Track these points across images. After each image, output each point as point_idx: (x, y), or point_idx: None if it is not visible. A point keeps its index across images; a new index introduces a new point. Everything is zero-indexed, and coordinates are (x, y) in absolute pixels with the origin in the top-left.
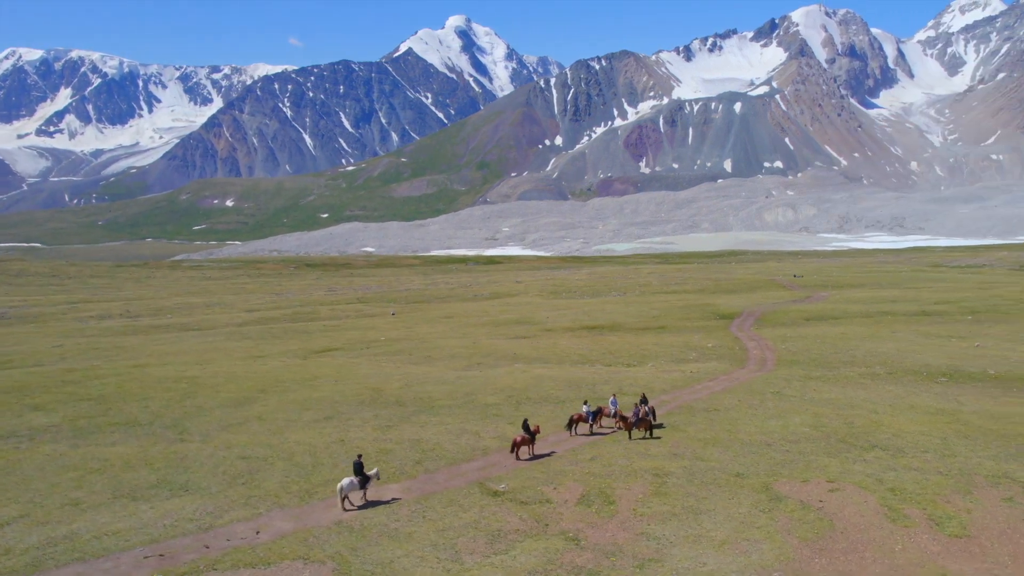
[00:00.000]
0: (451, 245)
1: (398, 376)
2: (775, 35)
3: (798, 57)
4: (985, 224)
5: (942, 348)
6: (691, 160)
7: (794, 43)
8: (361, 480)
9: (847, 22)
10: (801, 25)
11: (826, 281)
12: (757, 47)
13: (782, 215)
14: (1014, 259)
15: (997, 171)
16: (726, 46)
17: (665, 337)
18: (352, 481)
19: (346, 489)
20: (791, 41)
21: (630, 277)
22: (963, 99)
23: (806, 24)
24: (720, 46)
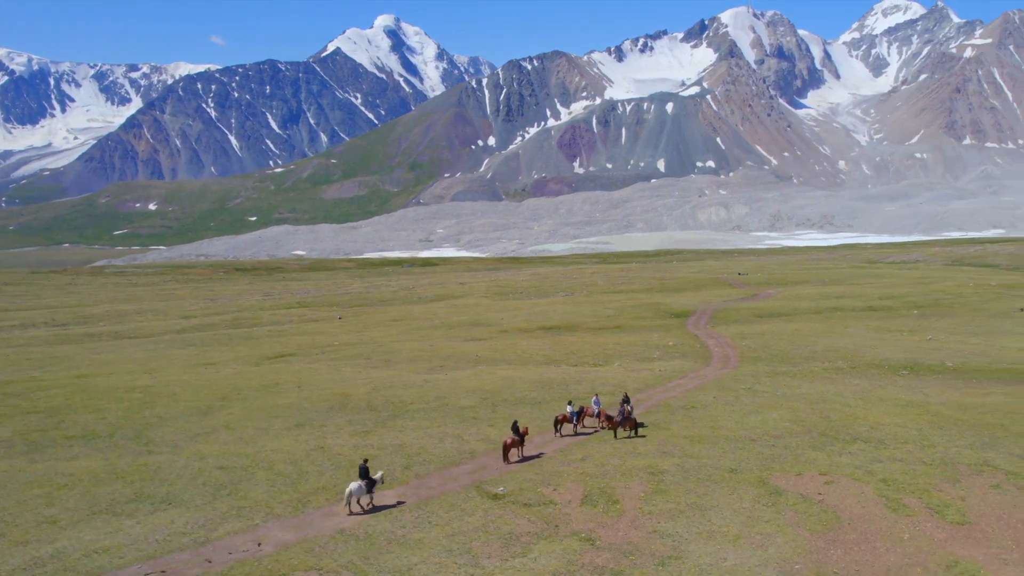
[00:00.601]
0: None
1: (362, 381)
2: (705, 36)
3: (728, 58)
4: (911, 221)
5: (897, 342)
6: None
7: (723, 44)
8: (368, 484)
9: (775, 23)
10: (730, 26)
11: (770, 279)
12: (687, 48)
13: (715, 214)
14: (945, 255)
15: (921, 169)
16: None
17: (624, 336)
18: (360, 485)
19: (355, 493)
20: (720, 42)
21: (575, 277)
22: (887, 99)
23: (735, 25)
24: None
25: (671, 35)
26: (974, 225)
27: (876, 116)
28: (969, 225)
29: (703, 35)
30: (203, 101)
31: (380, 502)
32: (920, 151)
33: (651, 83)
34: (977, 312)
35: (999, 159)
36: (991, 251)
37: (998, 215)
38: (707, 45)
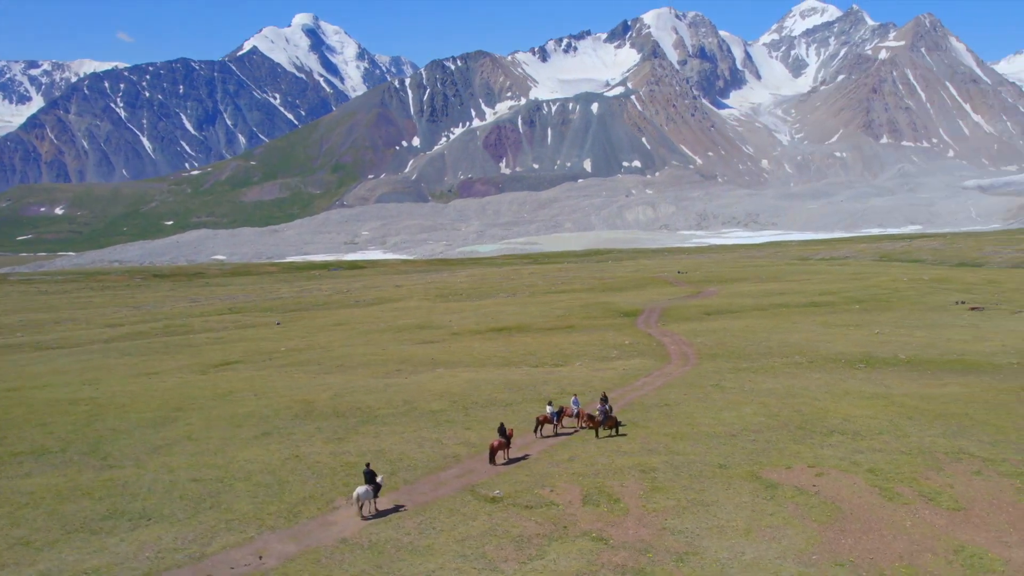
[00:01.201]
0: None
1: (321, 387)
2: (628, 37)
3: (651, 58)
4: (833, 218)
5: (846, 337)
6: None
7: (647, 45)
8: (375, 488)
9: (696, 24)
10: (653, 27)
11: (709, 277)
12: (611, 48)
13: (643, 213)
14: (873, 251)
15: (841, 168)
16: (581, 47)
17: (578, 336)
18: (368, 489)
19: (363, 497)
20: (644, 43)
21: (513, 278)
22: (807, 100)
23: (657, 26)
24: (575, 47)
25: (595, 35)
26: (892, 221)
27: (797, 116)
28: (888, 222)
29: (626, 36)
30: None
31: (379, 507)
32: (840, 150)
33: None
34: (916, 306)
35: (915, 157)
36: (916, 247)
37: (915, 211)
38: (630, 46)
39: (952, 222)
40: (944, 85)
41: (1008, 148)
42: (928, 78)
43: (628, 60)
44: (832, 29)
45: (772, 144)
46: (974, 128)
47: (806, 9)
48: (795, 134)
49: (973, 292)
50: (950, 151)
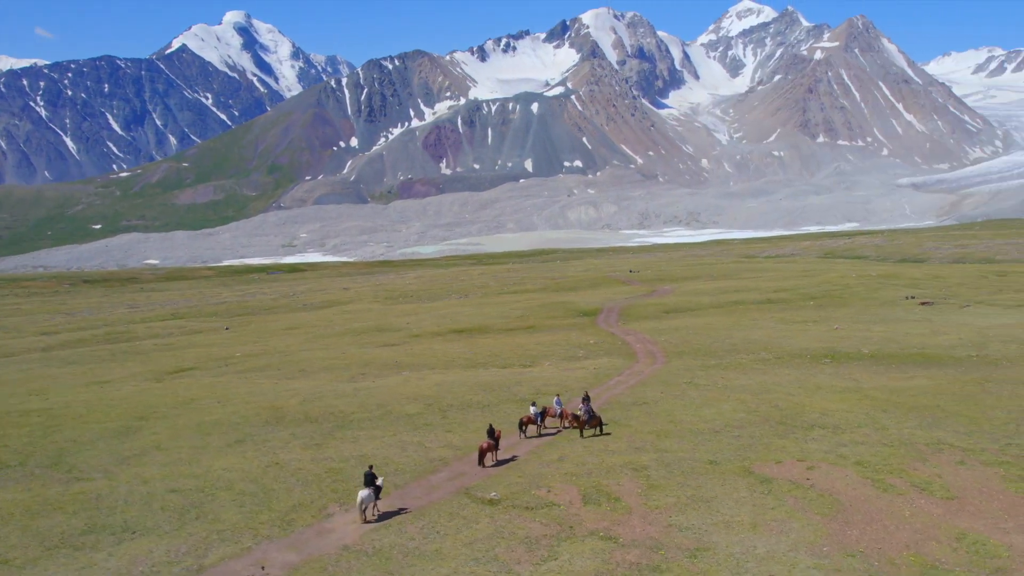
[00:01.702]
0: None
1: (287, 392)
2: (567, 37)
3: (590, 58)
4: (772, 216)
5: (806, 332)
6: (492, 160)
7: (586, 45)
8: (376, 491)
9: (635, 25)
10: (591, 27)
11: (661, 276)
12: (550, 48)
13: (585, 213)
14: (817, 248)
15: (779, 167)
16: (520, 47)
17: (541, 336)
18: (370, 492)
19: (366, 501)
20: (583, 43)
21: (463, 279)
22: (745, 99)
23: (596, 26)
24: (514, 47)
25: (533, 35)
26: (830, 219)
27: (735, 116)
28: (826, 219)
29: (565, 36)
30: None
31: (380, 510)
32: (777, 149)
33: (515, 83)
34: (868, 301)
35: (850, 156)
36: (859, 243)
37: (852, 209)
38: (569, 46)
39: (888, 219)
40: (877, 85)
41: (939, 147)
42: (862, 78)
43: (567, 60)
44: (768, 30)
45: (711, 143)
46: (907, 127)
47: (742, 10)
48: (734, 133)
49: (921, 287)
50: (884, 150)
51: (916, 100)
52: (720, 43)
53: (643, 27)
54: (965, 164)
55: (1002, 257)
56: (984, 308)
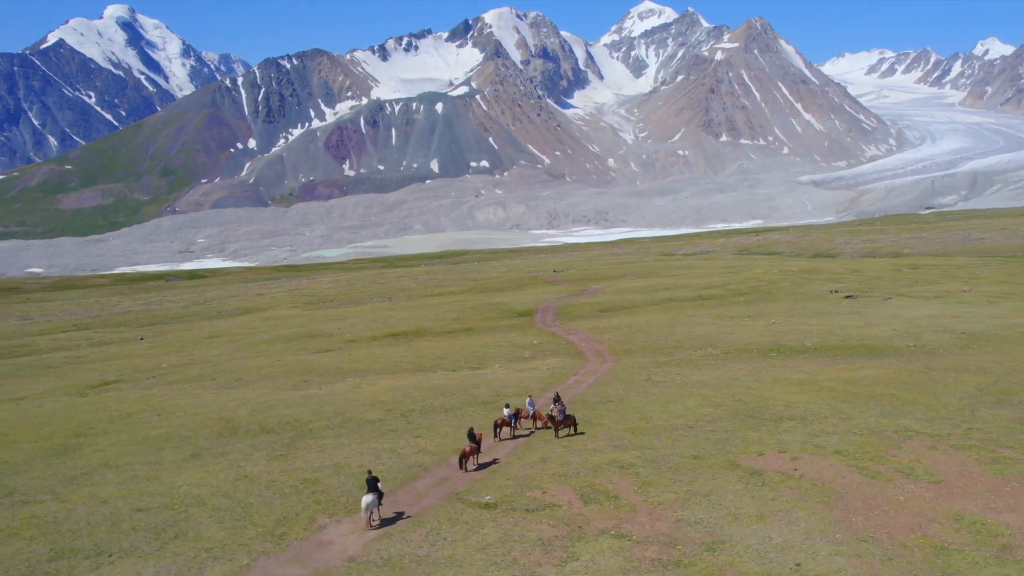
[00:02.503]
0: (139, 261)
1: (232, 402)
2: (470, 36)
3: (494, 58)
4: (679, 214)
5: (745, 327)
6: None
7: (489, 44)
8: (379, 496)
9: (538, 25)
10: (494, 26)
11: (586, 275)
12: (453, 47)
13: (493, 213)
14: (732, 245)
15: (684, 166)
16: (422, 46)
17: (481, 338)
18: (374, 498)
19: (371, 506)
20: (486, 42)
21: (381, 282)
22: (649, 99)
23: (499, 26)
24: (416, 46)
25: (436, 34)
26: (735, 216)
27: (639, 115)
28: (731, 216)
29: (468, 35)
30: None
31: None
32: (682, 148)
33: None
34: (796, 296)
35: (753, 155)
36: (772, 240)
37: (755, 206)
38: (472, 45)
39: (790, 216)
40: (777, 85)
41: (837, 145)
42: (762, 79)
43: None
44: (670, 31)
45: (617, 143)
46: (806, 126)
47: (644, 11)
48: (639, 133)
49: (842, 281)
50: (785, 148)
51: (814, 100)
52: (623, 43)
53: (546, 27)
54: (862, 162)
55: (909, 251)
56: (905, 300)
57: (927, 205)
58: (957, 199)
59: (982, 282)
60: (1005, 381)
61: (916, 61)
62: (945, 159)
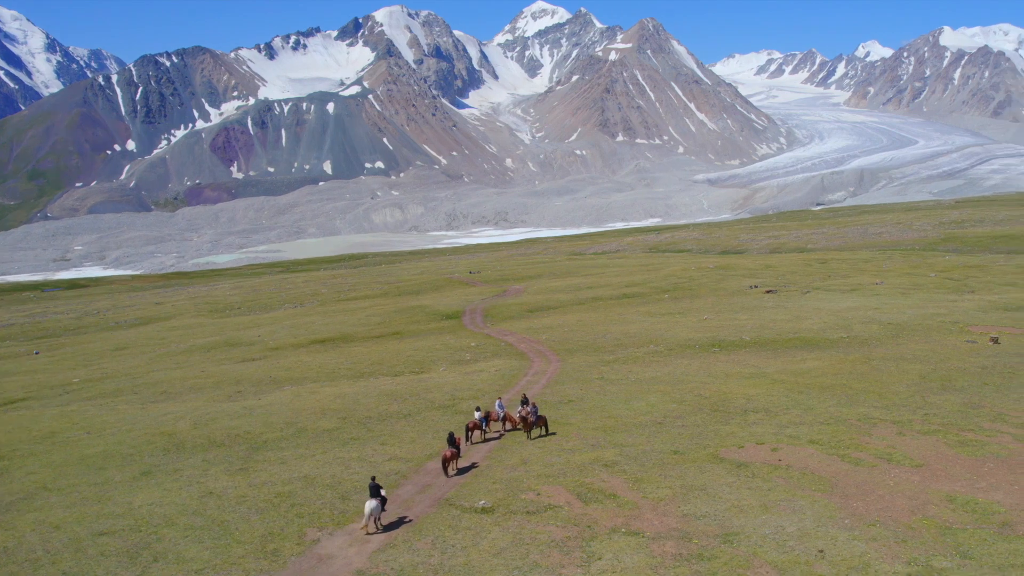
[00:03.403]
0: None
1: (168, 417)
2: (360, 35)
3: (386, 57)
4: (579, 214)
5: (679, 324)
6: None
7: (380, 43)
8: (382, 502)
9: (430, 24)
10: (386, 25)
11: (503, 275)
12: (343, 46)
13: (390, 215)
14: (641, 243)
15: (582, 165)
16: (311, 45)
17: (413, 342)
18: (377, 503)
19: (375, 512)
20: (377, 41)
21: (290, 288)
22: (545, 99)
23: (390, 24)
24: (304, 45)
25: (324, 33)
26: (634, 215)
27: (536, 115)
28: (630, 215)
29: (358, 33)
30: None
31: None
32: (579, 148)
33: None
34: (718, 292)
35: (649, 154)
36: (679, 237)
37: (653, 205)
38: (363, 44)
39: (687, 214)
40: (670, 86)
41: (730, 144)
42: (655, 79)
43: (362, 59)
44: (563, 31)
45: (515, 143)
46: (699, 126)
47: (537, 11)
48: (536, 133)
49: (758, 276)
50: (680, 147)
51: (706, 100)
52: (517, 43)
53: (439, 26)
54: (754, 160)
55: (812, 246)
56: (823, 293)
57: (817, 201)
58: (845, 195)
59: (890, 275)
60: (943, 368)
61: (803, 62)
62: (833, 157)
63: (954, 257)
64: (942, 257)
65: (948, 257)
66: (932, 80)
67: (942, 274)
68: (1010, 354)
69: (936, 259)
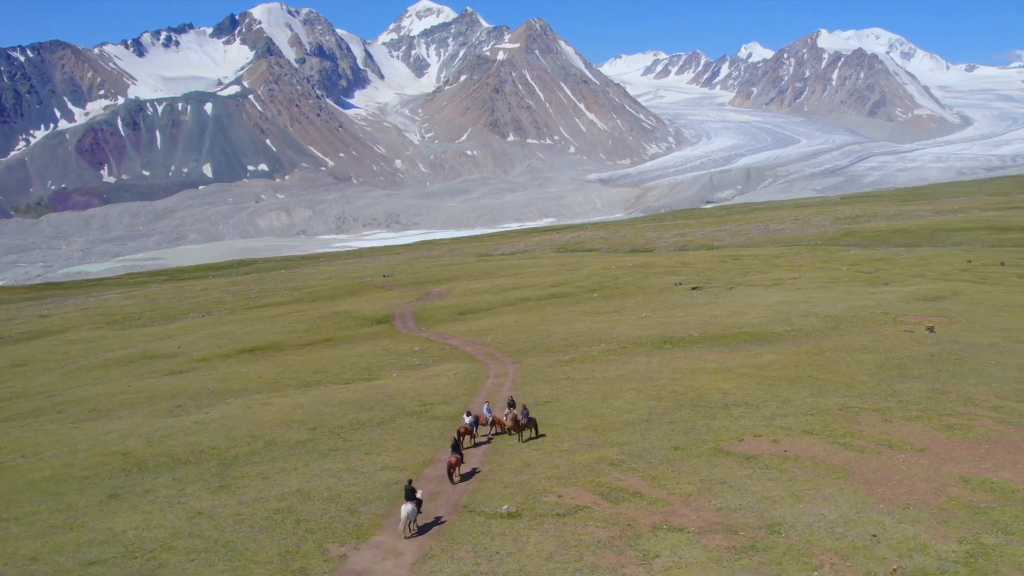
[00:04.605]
0: None
1: (110, 436)
2: (237, 32)
3: (266, 56)
4: (472, 215)
5: (621, 322)
6: (164, 166)
7: (259, 41)
8: (418, 504)
9: (312, 22)
10: (264, 23)
11: (420, 278)
12: (219, 44)
13: (277, 219)
14: (549, 243)
15: (474, 166)
16: (184, 42)
17: (349, 348)
18: (413, 507)
19: (412, 515)
20: (256, 39)
21: (190, 297)
22: (433, 99)
23: (269, 22)
24: (177, 42)
25: (198, 29)
26: (528, 215)
27: (424, 116)
28: (524, 216)
29: (235, 31)
30: None
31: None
32: (470, 148)
33: (183, 81)
34: (645, 290)
35: (540, 154)
36: (586, 236)
37: (547, 205)
38: (241, 42)
39: (581, 213)
40: (559, 86)
41: (620, 144)
42: (544, 79)
43: (241, 57)
44: (449, 30)
45: (404, 144)
46: (589, 125)
47: (422, 10)
48: (425, 133)
49: (678, 273)
50: (571, 147)
51: (596, 100)
52: (402, 43)
53: (321, 24)
54: (645, 159)
55: (719, 243)
56: (747, 289)
57: (707, 199)
58: (734, 193)
59: (803, 269)
60: (895, 357)
61: (688, 63)
62: (721, 156)
63: (858, 251)
64: (847, 251)
65: (853, 251)
66: (812, 81)
67: (853, 267)
68: (948, 342)
69: (842, 253)
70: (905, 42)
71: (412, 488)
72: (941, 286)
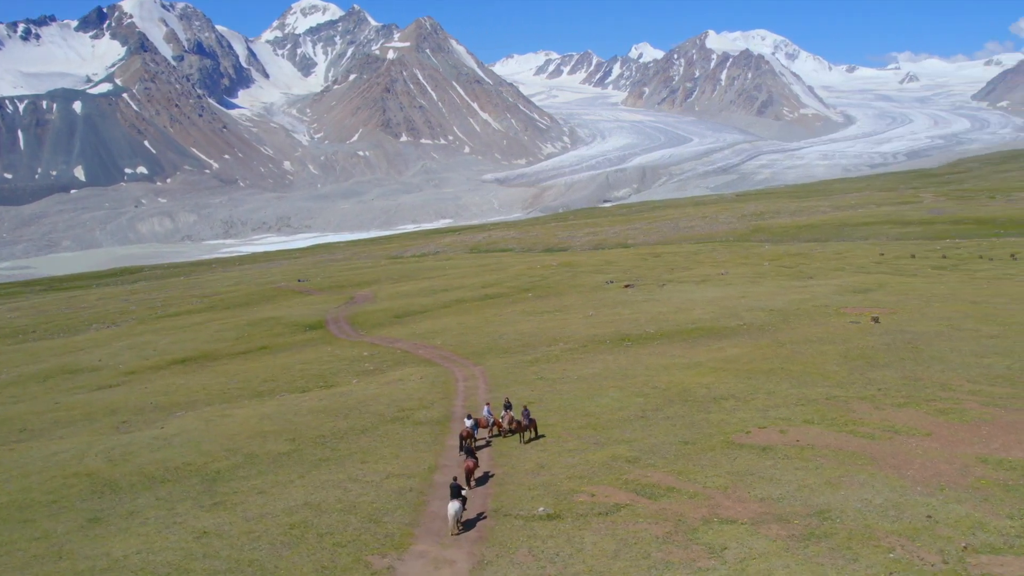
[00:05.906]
0: None
1: (64, 456)
2: (106, 26)
3: (140, 52)
4: (367, 217)
5: (570, 321)
6: (29, 169)
7: (132, 37)
8: (463, 502)
9: (188, 17)
10: (136, 17)
11: (336, 283)
12: (87, 38)
13: (159, 224)
14: (461, 244)
15: (367, 167)
16: (45, 35)
17: (291, 355)
18: (460, 505)
19: (459, 513)
20: (128, 34)
21: (85, 307)
22: (322, 99)
23: (142, 16)
24: (37, 34)
25: (62, 22)
26: (424, 216)
27: (313, 116)
28: (420, 217)
29: (104, 25)
30: None
31: (435, 549)
32: (362, 149)
33: (47, 78)
34: (579, 289)
35: (435, 154)
36: (497, 237)
37: (444, 206)
38: (111, 37)
39: (479, 214)
40: (452, 85)
41: (515, 144)
42: (436, 78)
43: (111, 53)
44: (337, 28)
45: (292, 145)
46: (484, 125)
47: (307, 7)
48: (315, 134)
49: (604, 272)
50: (466, 147)
51: (489, 100)
52: (288, 40)
53: (199, 20)
54: (540, 159)
55: (633, 241)
56: (679, 285)
57: (605, 198)
58: (630, 192)
59: (727, 265)
60: (854, 348)
61: (580, 63)
62: (615, 155)
63: (772, 247)
64: (760, 247)
65: (767, 247)
66: (702, 81)
67: (774, 263)
68: (896, 332)
69: (757, 249)
70: (789, 43)
71: (458, 486)
72: (864, 279)
